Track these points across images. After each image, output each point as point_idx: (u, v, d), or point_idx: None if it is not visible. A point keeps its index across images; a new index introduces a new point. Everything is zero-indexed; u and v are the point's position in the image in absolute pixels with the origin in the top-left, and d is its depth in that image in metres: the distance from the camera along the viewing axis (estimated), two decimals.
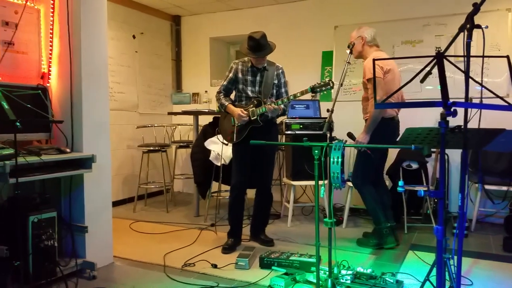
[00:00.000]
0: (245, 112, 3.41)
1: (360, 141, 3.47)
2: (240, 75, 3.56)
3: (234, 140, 3.53)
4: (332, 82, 3.20)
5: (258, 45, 3.36)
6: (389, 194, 3.77)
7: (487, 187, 4.10)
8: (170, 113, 5.54)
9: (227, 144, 3.79)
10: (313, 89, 3.23)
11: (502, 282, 2.84)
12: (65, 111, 3.00)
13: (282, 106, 3.43)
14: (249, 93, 3.53)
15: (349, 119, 4.94)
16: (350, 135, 3.50)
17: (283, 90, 3.63)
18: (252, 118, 3.42)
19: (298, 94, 3.32)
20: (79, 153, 2.89)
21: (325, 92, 3.23)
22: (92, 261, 2.91)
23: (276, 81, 3.59)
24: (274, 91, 3.59)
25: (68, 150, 2.83)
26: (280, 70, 3.64)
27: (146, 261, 3.23)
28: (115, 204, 5.02)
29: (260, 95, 3.51)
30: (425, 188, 4.07)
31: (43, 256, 2.60)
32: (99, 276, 2.92)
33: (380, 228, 3.56)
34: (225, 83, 3.60)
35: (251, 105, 3.47)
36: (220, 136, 3.82)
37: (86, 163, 2.84)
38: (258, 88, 3.53)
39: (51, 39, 3.04)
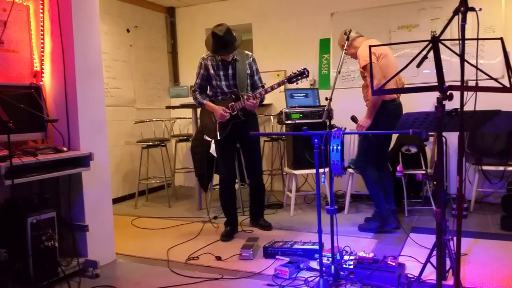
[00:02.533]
0: (228, 111, 3.41)
1: (361, 125, 3.48)
2: (211, 71, 3.51)
3: (218, 137, 3.52)
4: (307, 71, 3.24)
5: (223, 42, 3.31)
6: (392, 179, 3.78)
7: (484, 167, 4.11)
8: (168, 107, 5.52)
9: (211, 141, 3.80)
10: (289, 80, 3.27)
11: (500, 260, 2.86)
12: (60, 109, 2.98)
13: (259, 98, 3.44)
14: (225, 88, 3.51)
15: (348, 106, 4.90)
16: (353, 118, 3.49)
17: (256, 77, 3.62)
18: (233, 114, 3.42)
19: (276, 86, 3.34)
20: (76, 152, 2.87)
21: (301, 81, 3.29)
22: (94, 259, 2.90)
23: (249, 71, 3.56)
24: (249, 81, 3.57)
25: (65, 149, 2.81)
26: (251, 58, 3.60)
27: (149, 257, 3.23)
28: (116, 201, 5.03)
29: (236, 89, 3.49)
30: (423, 172, 4.08)
31: (44, 257, 2.59)
32: (102, 274, 2.91)
33: (380, 210, 3.58)
34: (198, 80, 3.56)
35: (230, 100, 3.46)
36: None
37: (84, 161, 2.82)
38: (233, 81, 3.50)
39: (42, 36, 3.00)
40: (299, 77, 3.23)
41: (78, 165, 2.80)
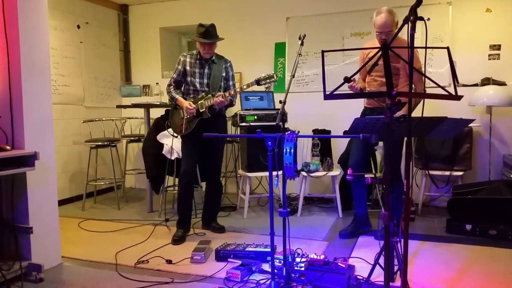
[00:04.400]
0: (193, 105, 3.49)
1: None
2: (188, 67, 3.62)
3: (183, 132, 3.59)
4: (276, 75, 3.34)
5: (207, 32, 3.47)
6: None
7: (431, 172, 4.30)
8: (119, 106, 5.35)
9: (176, 137, 3.80)
10: (258, 82, 3.35)
11: (446, 261, 2.99)
12: (3, 106, 2.82)
13: (228, 98, 3.51)
14: (197, 85, 3.60)
15: (302, 110, 5.02)
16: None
17: (231, 83, 3.73)
18: (201, 110, 3.50)
19: (244, 87, 3.44)
20: (21, 151, 2.73)
21: (269, 84, 3.39)
22: (38, 263, 2.77)
23: (224, 74, 3.67)
24: (222, 83, 3.67)
25: (8, 147, 2.67)
26: (229, 64, 3.74)
27: (96, 261, 3.12)
28: (62, 202, 4.83)
29: (208, 88, 3.59)
30: (373, 175, 4.22)
31: None
32: (47, 278, 2.79)
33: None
34: (174, 75, 3.68)
35: (200, 98, 3.54)
36: (170, 129, 3.83)
37: (28, 160, 2.69)
38: (207, 80, 3.61)
39: None
40: (268, 80, 3.33)
41: (22, 164, 2.67)
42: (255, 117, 4.42)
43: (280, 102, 2.94)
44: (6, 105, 2.81)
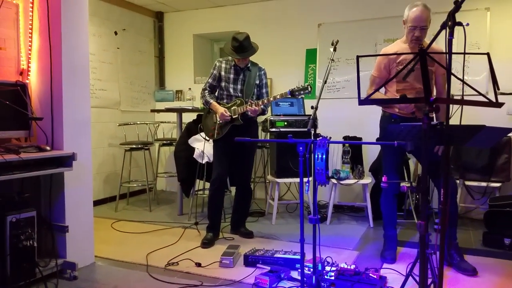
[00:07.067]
0: (229, 113, 3.52)
1: None
2: (223, 73, 3.65)
3: (215, 136, 3.62)
4: (311, 87, 3.33)
5: (241, 46, 3.49)
6: None
7: (467, 183, 4.16)
8: (153, 111, 5.48)
9: (208, 141, 3.84)
10: (292, 93, 3.35)
11: (482, 276, 2.89)
12: (45, 108, 2.93)
13: (262, 106, 3.51)
14: (231, 91, 3.63)
15: (333, 116, 4.98)
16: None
17: (264, 90, 3.75)
18: (234, 117, 3.53)
19: (278, 96, 3.45)
20: (60, 151, 2.83)
21: (303, 96, 3.39)
22: (73, 261, 2.85)
23: (258, 82, 3.69)
24: (256, 90, 3.69)
25: (48, 148, 2.76)
26: (263, 71, 3.75)
27: (128, 261, 3.19)
28: (97, 203, 4.95)
29: (242, 94, 3.61)
30: (408, 184, 4.12)
31: (22, 256, 2.54)
32: (80, 277, 2.87)
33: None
34: (209, 80, 3.71)
35: (234, 104, 3.57)
36: (202, 133, 3.88)
37: (66, 161, 2.78)
38: (241, 86, 3.64)
39: (30, 35, 2.97)
40: (302, 92, 3.33)
41: (61, 165, 2.76)
42: (285, 122, 4.44)
43: (312, 107, 2.92)
44: (47, 107, 2.92)
